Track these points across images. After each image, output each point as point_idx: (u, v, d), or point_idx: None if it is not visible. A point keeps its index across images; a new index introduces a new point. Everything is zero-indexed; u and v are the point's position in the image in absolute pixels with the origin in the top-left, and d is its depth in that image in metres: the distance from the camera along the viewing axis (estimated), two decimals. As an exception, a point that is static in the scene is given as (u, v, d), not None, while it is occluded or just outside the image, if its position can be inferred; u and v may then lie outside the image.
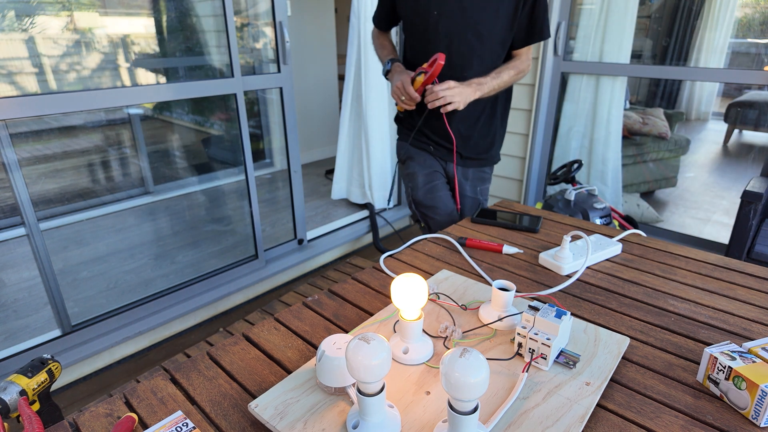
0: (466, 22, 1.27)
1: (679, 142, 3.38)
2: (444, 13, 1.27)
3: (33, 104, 1.56)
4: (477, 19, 1.27)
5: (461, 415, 0.53)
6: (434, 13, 1.27)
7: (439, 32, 1.29)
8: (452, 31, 1.28)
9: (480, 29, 1.28)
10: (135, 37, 2.14)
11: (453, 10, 1.26)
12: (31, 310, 1.95)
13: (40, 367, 0.80)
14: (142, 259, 2.31)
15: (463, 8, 1.26)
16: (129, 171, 2.63)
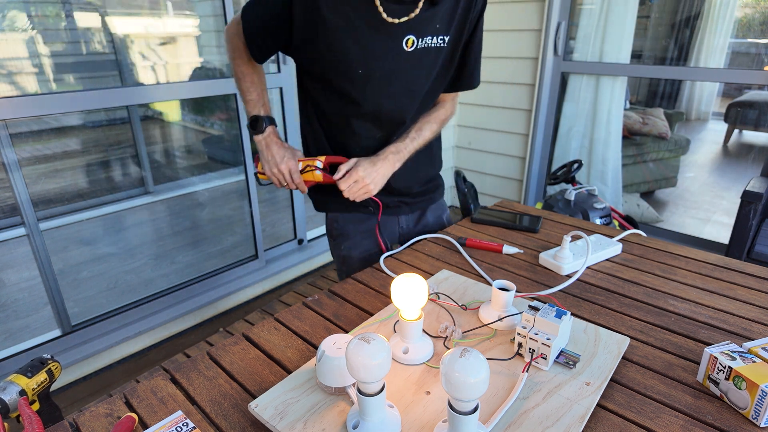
0: (398, 81, 1.02)
1: (679, 142, 3.38)
2: (371, 73, 0.98)
3: (33, 104, 1.56)
4: (411, 76, 1.02)
5: (461, 415, 0.53)
6: (359, 72, 0.98)
7: (366, 95, 1.01)
8: (381, 93, 1.02)
9: (414, 88, 1.04)
10: (134, 37, 2.15)
11: (383, 69, 0.99)
12: (31, 310, 1.95)
13: (40, 367, 0.80)
14: (142, 259, 2.31)
15: (394, 65, 0.99)
16: (129, 171, 2.63)
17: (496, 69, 2.92)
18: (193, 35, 2.34)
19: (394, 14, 0.93)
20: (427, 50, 0.99)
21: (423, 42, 0.98)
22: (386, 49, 0.97)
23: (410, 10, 0.93)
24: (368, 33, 0.94)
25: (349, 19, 0.92)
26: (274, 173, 1.07)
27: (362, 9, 0.92)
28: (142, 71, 2.23)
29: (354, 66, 0.97)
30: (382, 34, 0.94)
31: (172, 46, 2.29)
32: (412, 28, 0.95)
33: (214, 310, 2.22)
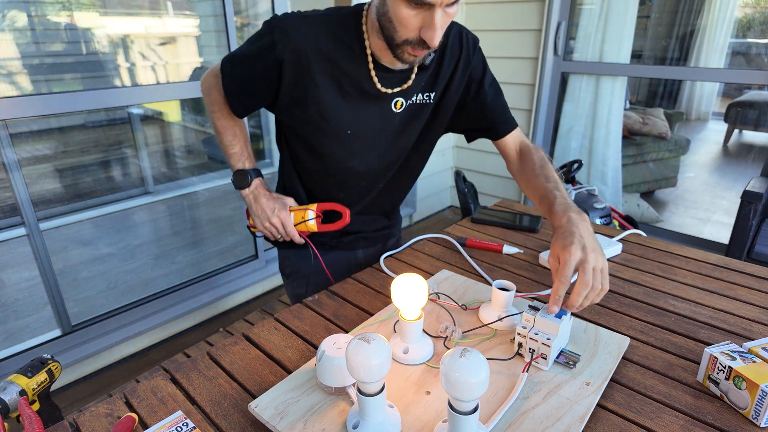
0: (386, 139, 0.99)
1: (679, 142, 3.38)
2: (360, 133, 0.96)
3: (33, 104, 1.56)
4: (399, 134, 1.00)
5: (461, 415, 0.53)
6: (347, 132, 0.95)
7: (354, 153, 0.98)
8: (369, 151, 0.99)
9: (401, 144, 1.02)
10: (134, 37, 2.15)
11: (372, 129, 0.96)
12: (31, 310, 1.95)
13: (40, 367, 0.80)
14: (142, 259, 2.30)
15: (383, 125, 0.97)
16: (129, 171, 2.63)
17: (496, 69, 2.90)
18: (193, 35, 2.34)
19: (386, 83, 0.93)
20: (413, 107, 0.98)
21: (410, 101, 0.97)
22: (376, 112, 0.95)
23: (403, 80, 0.94)
24: (359, 98, 0.93)
25: (341, 86, 0.91)
26: (266, 227, 1.03)
27: (355, 77, 0.91)
28: (141, 71, 2.23)
29: (343, 127, 0.95)
30: (372, 99, 0.94)
31: (171, 46, 2.29)
32: (401, 94, 0.95)
33: (214, 310, 2.22)
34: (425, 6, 0.76)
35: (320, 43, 0.88)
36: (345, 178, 1.04)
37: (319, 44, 0.88)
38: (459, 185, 2.35)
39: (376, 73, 0.91)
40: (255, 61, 0.92)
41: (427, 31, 0.78)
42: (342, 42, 0.89)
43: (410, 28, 0.79)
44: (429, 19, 0.77)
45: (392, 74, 0.92)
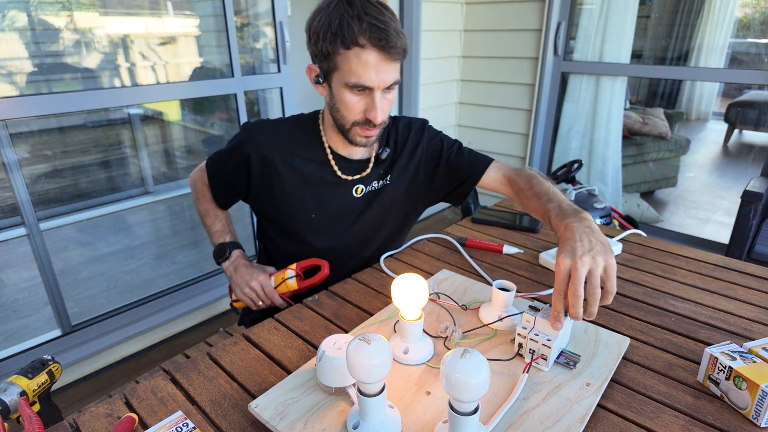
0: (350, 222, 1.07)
1: (679, 142, 3.38)
2: (325, 216, 1.05)
3: (33, 104, 1.56)
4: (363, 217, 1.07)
5: (462, 416, 0.53)
6: (312, 216, 1.05)
7: (320, 237, 1.07)
8: (335, 234, 1.07)
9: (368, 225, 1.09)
10: (135, 37, 2.14)
11: (336, 213, 1.06)
12: (31, 310, 1.95)
13: (41, 368, 0.80)
14: (142, 259, 2.30)
15: (346, 209, 1.06)
16: (129, 171, 2.63)
17: (496, 69, 2.92)
18: (193, 35, 2.34)
19: (346, 172, 1.04)
20: (374, 192, 1.09)
21: (370, 187, 1.08)
22: (338, 197, 1.06)
23: (361, 169, 1.06)
24: (320, 184, 1.04)
25: (303, 173, 1.03)
26: (246, 293, 1.05)
27: (315, 166, 1.03)
28: (141, 71, 2.23)
29: (307, 211, 1.05)
30: (333, 185, 1.05)
31: (171, 46, 2.29)
32: (361, 181, 1.06)
33: (214, 310, 2.21)
34: (365, 91, 0.89)
35: (282, 140, 1.02)
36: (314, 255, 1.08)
37: (281, 140, 1.02)
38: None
39: (335, 163, 1.03)
40: (229, 159, 1.06)
41: (371, 111, 0.91)
42: (302, 138, 1.03)
43: (355, 111, 0.92)
44: (370, 102, 0.90)
45: (351, 164, 1.05)
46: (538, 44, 2.69)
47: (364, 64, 0.85)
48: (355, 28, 0.83)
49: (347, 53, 0.85)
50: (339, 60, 0.87)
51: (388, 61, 0.87)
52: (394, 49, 0.86)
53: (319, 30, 0.87)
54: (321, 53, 0.89)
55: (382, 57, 0.85)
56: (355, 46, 0.84)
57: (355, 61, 0.85)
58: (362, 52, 0.84)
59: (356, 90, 0.89)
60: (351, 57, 0.85)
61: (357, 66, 0.85)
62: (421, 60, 2.78)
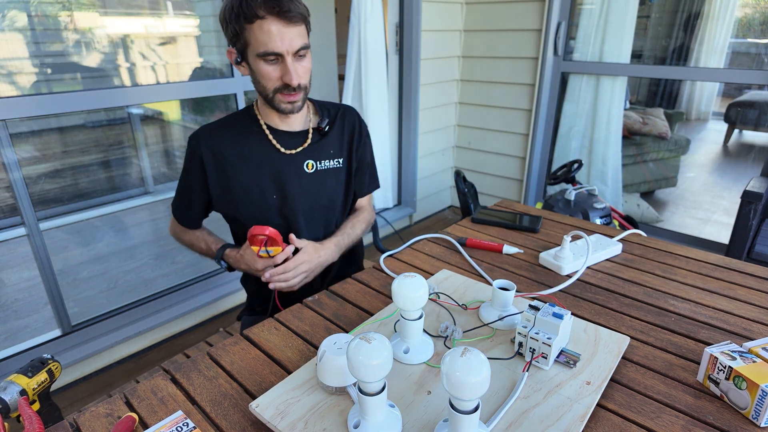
0: (308, 200, 1.14)
1: (679, 142, 3.38)
2: (284, 196, 1.11)
3: (33, 104, 1.56)
4: (319, 195, 1.15)
5: (462, 415, 0.53)
6: (273, 197, 1.11)
7: (284, 217, 1.13)
8: (297, 213, 1.13)
9: (325, 204, 1.17)
10: (134, 37, 2.14)
11: (292, 190, 1.11)
12: (31, 310, 1.95)
13: (41, 367, 0.80)
14: (142, 259, 2.30)
15: (301, 187, 1.12)
16: (129, 171, 2.63)
17: (496, 69, 2.92)
18: (193, 35, 2.34)
19: (288, 146, 1.11)
20: (327, 171, 1.15)
21: (321, 165, 1.14)
22: (290, 173, 1.11)
23: (303, 141, 1.13)
24: (271, 162, 1.10)
25: (251, 155, 1.09)
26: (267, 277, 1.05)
27: (259, 145, 1.09)
28: (141, 71, 2.24)
29: (267, 193, 1.10)
30: (283, 161, 1.10)
31: (171, 46, 2.29)
32: (309, 155, 1.13)
33: (214, 310, 2.21)
34: (277, 58, 0.98)
35: (226, 132, 1.09)
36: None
37: (225, 133, 1.09)
38: (459, 185, 2.35)
39: (274, 138, 1.10)
40: (187, 171, 1.12)
41: (285, 75, 0.99)
42: (242, 126, 1.11)
43: (273, 78, 1.00)
44: (284, 67, 0.98)
45: (291, 137, 1.12)
46: (538, 44, 2.69)
47: (267, 33, 0.94)
48: (253, 4, 0.92)
49: (251, 27, 0.94)
50: (247, 36, 0.96)
51: (289, 26, 0.95)
52: (290, 14, 0.94)
53: (226, 15, 0.96)
54: (233, 35, 0.98)
55: (282, 23, 0.94)
56: (256, 19, 0.93)
57: (259, 31, 0.94)
58: (264, 23, 0.93)
59: (268, 59, 0.97)
60: (255, 30, 0.94)
61: (262, 36, 0.94)
62: (421, 60, 2.78)
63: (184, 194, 1.16)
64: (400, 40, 2.80)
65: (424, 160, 3.11)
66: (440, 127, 3.14)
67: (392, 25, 2.77)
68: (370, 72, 2.64)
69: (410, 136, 2.96)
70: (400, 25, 2.76)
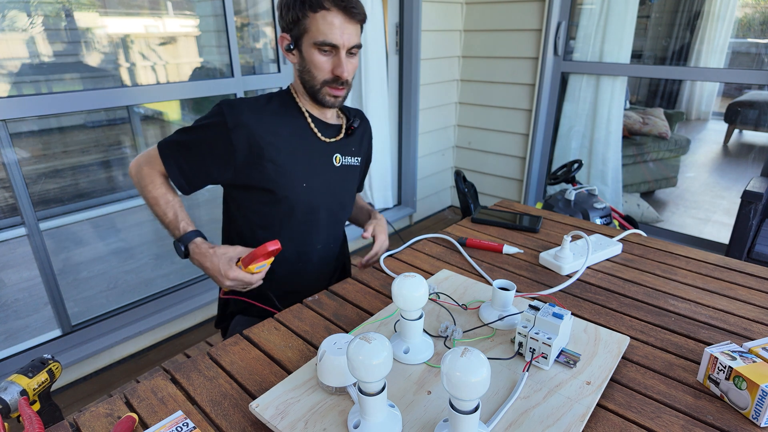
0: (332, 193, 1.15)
1: (679, 142, 3.38)
2: (313, 185, 1.09)
3: (33, 104, 1.56)
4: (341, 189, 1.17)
5: (462, 415, 0.53)
6: (303, 185, 1.08)
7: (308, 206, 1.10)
8: (320, 205, 1.12)
9: (343, 200, 1.20)
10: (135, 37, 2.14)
11: (321, 181, 1.11)
12: (31, 310, 1.95)
13: (41, 367, 0.80)
14: (142, 259, 2.30)
15: (329, 178, 1.13)
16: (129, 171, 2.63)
17: (496, 69, 2.92)
18: (193, 35, 2.33)
19: (325, 133, 1.12)
20: (348, 168, 1.18)
21: (346, 160, 1.17)
22: (322, 164, 1.12)
23: (337, 133, 1.15)
24: (306, 150, 1.09)
25: (289, 140, 1.07)
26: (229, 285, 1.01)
27: (298, 130, 1.08)
28: (141, 71, 2.24)
29: (298, 180, 1.08)
30: (319, 149, 1.11)
31: (171, 46, 2.29)
32: (337, 148, 1.15)
33: (214, 310, 2.21)
34: (332, 50, 0.99)
35: (263, 113, 1.05)
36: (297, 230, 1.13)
37: (262, 114, 1.05)
38: (459, 185, 2.35)
39: (314, 125, 1.10)
40: (205, 136, 1.03)
41: (338, 68, 1.00)
42: (281, 109, 1.08)
43: (324, 69, 1.01)
44: (337, 60, 1.00)
45: (327, 126, 1.13)
46: (538, 44, 2.69)
47: (329, 24, 0.96)
48: None
49: (315, 16, 0.96)
50: (308, 23, 0.97)
51: (351, 23, 0.98)
52: (355, 10, 0.98)
53: (290, 1, 0.98)
54: (291, 21, 0.99)
55: (345, 18, 0.97)
56: (321, 9, 0.96)
57: (322, 22, 0.96)
58: (328, 14, 0.96)
59: (324, 50, 0.99)
60: (318, 19, 0.96)
61: (324, 26, 0.96)
62: (421, 60, 2.78)
63: (191, 156, 1.04)
64: (400, 40, 2.80)
65: (424, 160, 3.11)
66: (440, 127, 3.14)
67: (392, 25, 2.77)
68: (370, 72, 2.64)
69: (410, 136, 2.96)
70: (400, 25, 2.76)
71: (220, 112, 1.01)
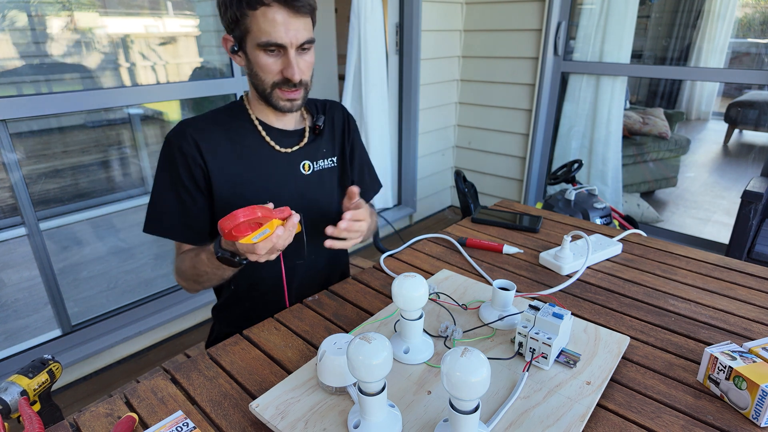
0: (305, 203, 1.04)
1: (679, 141, 3.38)
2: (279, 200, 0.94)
3: (33, 104, 1.56)
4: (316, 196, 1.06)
5: (462, 414, 0.53)
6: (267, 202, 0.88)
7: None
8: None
9: (322, 207, 1.08)
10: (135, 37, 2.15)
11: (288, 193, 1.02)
12: (31, 310, 1.95)
13: (41, 368, 0.80)
14: (142, 259, 2.30)
15: (297, 189, 1.03)
16: (129, 171, 2.63)
17: (496, 69, 2.92)
18: (193, 35, 2.33)
19: (284, 144, 1.02)
20: (323, 172, 1.08)
21: (318, 165, 1.07)
22: (286, 176, 1.02)
23: (300, 138, 1.05)
24: (263, 165, 1.00)
25: (243, 154, 0.98)
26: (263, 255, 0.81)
27: (252, 143, 0.99)
28: (141, 71, 2.24)
29: (261, 196, 0.98)
30: (278, 162, 1.01)
31: (171, 46, 2.29)
32: (305, 155, 1.05)
33: (214, 310, 2.21)
34: (279, 50, 0.89)
35: (213, 130, 0.97)
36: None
37: (212, 131, 0.96)
38: (459, 185, 2.35)
39: (268, 135, 1.00)
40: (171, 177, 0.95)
41: (287, 69, 0.90)
42: (230, 123, 0.99)
43: (272, 71, 0.91)
44: (286, 60, 0.90)
45: (286, 135, 1.03)
46: (538, 44, 2.69)
47: (271, 22, 0.86)
48: None
49: (254, 14, 0.86)
50: (248, 23, 0.87)
51: (296, 17, 0.87)
52: (298, 3, 0.86)
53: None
54: (231, 21, 0.90)
55: (289, 13, 0.86)
56: (260, 6, 0.85)
57: (263, 20, 0.86)
58: (269, 11, 0.86)
59: (269, 50, 0.89)
60: (258, 17, 0.86)
61: (265, 24, 0.86)
62: (421, 60, 2.78)
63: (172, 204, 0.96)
64: (400, 40, 2.80)
65: (424, 160, 3.11)
66: (440, 127, 3.14)
67: (392, 25, 2.77)
68: (370, 72, 2.64)
69: (410, 136, 2.96)
70: (400, 25, 2.76)
71: (168, 144, 0.95)
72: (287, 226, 0.80)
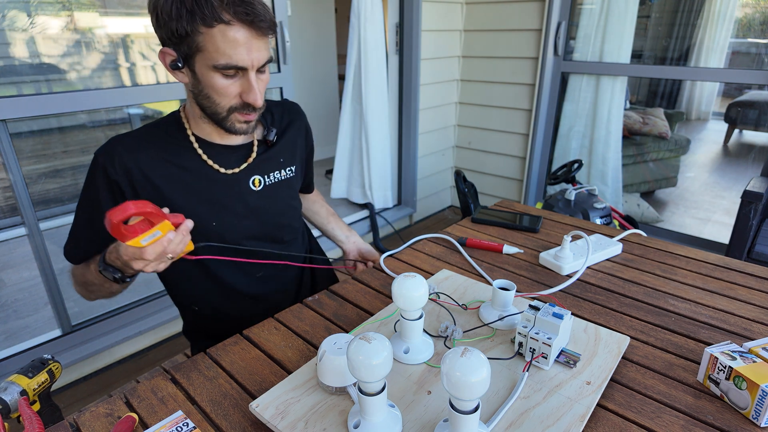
0: (256, 218, 0.97)
1: (679, 141, 3.38)
2: (225, 222, 0.93)
3: (33, 104, 1.56)
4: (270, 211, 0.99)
5: (462, 415, 0.53)
6: (213, 224, 0.92)
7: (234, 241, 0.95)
8: (242, 236, 0.96)
9: (277, 219, 1.01)
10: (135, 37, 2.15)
11: (236, 214, 0.94)
12: (31, 310, 1.95)
13: (41, 368, 0.80)
14: (142, 259, 2.30)
15: (247, 207, 0.95)
16: (129, 171, 2.63)
17: (496, 69, 2.92)
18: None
19: (228, 164, 0.93)
20: (278, 185, 1.00)
21: (271, 178, 0.98)
22: (232, 196, 0.93)
23: (248, 153, 0.95)
24: (209, 187, 0.91)
25: (180, 178, 0.89)
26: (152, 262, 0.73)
27: (191, 164, 0.90)
28: (141, 71, 2.24)
29: (205, 222, 0.90)
30: (224, 183, 0.92)
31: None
32: (255, 171, 0.96)
33: (214, 310, 2.21)
34: (238, 72, 0.80)
35: (147, 150, 0.87)
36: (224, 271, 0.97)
37: (146, 152, 0.87)
38: (459, 185, 2.35)
39: (208, 155, 0.91)
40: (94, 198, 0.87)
41: (248, 95, 0.82)
42: (166, 141, 0.89)
43: (231, 95, 0.82)
44: (246, 84, 0.81)
45: (231, 151, 0.93)
46: (538, 44, 2.69)
47: (232, 42, 0.76)
48: (215, 3, 0.74)
49: (210, 32, 0.75)
50: (201, 40, 0.76)
51: (258, 37, 0.79)
52: (263, 23, 0.78)
53: (170, 8, 0.75)
54: (175, 35, 0.77)
55: (251, 33, 0.77)
56: (219, 23, 0.75)
57: (222, 39, 0.76)
58: (228, 30, 0.75)
59: (227, 72, 0.79)
60: (216, 35, 0.75)
61: (225, 45, 0.76)
62: (421, 60, 2.79)
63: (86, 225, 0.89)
64: (400, 40, 2.80)
65: (424, 160, 3.11)
66: (440, 127, 3.14)
67: (392, 25, 2.77)
68: (370, 72, 2.64)
69: (410, 136, 2.96)
70: (400, 25, 2.76)
71: (95, 163, 0.86)
72: (180, 230, 0.72)
